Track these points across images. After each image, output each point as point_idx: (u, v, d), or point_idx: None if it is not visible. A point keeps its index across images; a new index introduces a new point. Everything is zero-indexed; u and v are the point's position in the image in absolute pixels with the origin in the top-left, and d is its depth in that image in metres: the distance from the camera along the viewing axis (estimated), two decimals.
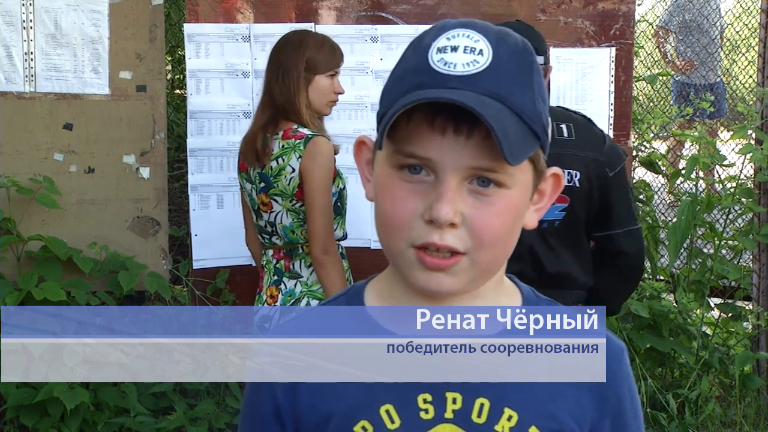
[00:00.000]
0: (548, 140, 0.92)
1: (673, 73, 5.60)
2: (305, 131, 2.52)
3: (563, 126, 2.40)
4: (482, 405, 0.93)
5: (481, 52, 0.87)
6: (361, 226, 3.32)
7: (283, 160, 2.50)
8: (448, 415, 0.92)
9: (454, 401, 0.93)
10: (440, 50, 0.88)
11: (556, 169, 0.96)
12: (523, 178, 0.90)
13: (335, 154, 2.55)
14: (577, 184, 2.36)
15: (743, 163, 3.82)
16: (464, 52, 0.87)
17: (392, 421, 0.93)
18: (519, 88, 0.88)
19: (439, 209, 0.86)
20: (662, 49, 5.91)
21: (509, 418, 0.92)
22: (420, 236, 0.87)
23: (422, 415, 0.92)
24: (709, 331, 3.79)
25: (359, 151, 0.98)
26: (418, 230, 0.88)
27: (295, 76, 2.54)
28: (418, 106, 0.85)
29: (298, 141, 2.49)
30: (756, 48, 4.48)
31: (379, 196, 0.92)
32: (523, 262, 2.30)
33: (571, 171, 2.35)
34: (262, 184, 2.55)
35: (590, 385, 0.95)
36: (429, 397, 0.93)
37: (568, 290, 2.40)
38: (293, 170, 2.49)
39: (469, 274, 0.89)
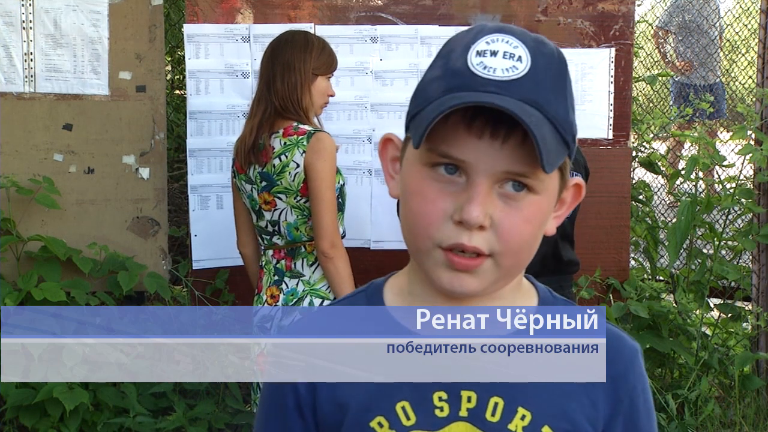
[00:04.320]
0: (575, 149, 0.93)
1: (672, 73, 5.60)
2: (306, 127, 2.53)
3: None
4: (496, 404, 0.93)
5: (520, 58, 0.88)
6: (361, 226, 3.32)
7: (287, 156, 2.50)
8: (463, 413, 0.93)
9: (469, 400, 0.94)
10: (480, 54, 0.88)
11: (578, 179, 0.97)
12: (551, 185, 0.91)
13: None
14: None
15: (743, 164, 3.82)
16: (504, 58, 0.88)
17: (408, 418, 0.94)
18: (554, 97, 0.89)
19: (470, 211, 0.86)
20: (662, 50, 5.91)
21: (522, 418, 0.93)
22: (449, 237, 0.88)
23: (437, 412, 0.94)
24: (708, 332, 3.79)
25: (384, 148, 0.99)
26: (447, 231, 0.88)
27: (302, 75, 2.56)
28: (457, 108, 0.85)
29: (300, 137, 2.51)
30: (755, 49, 4.48)
31: (408, 195, 0.92)
32: (548, 249, 2.56)
33: (575, 173, 2.62)
34: (264, 183, 2.55)
35: (604, 386, 0.95)
36: (444, 395, 0.94)
37: (572, 274, 2.75)
38: (297, 166, 2.50)
39: (492, 275, 0.90)
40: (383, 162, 0.99)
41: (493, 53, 0.88)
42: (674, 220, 3.82)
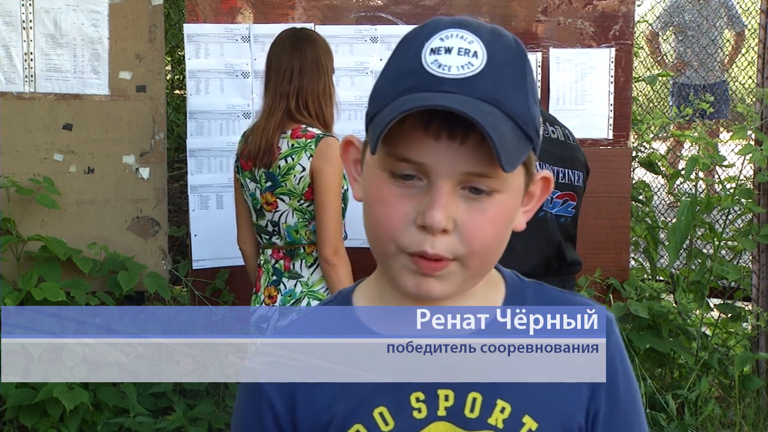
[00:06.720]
0: (540, 142, 0.91)
1: (672, 74, 5.60)
2: (315, 131, 2.50)
3: (567, 131, 2.67)
4: (474, 399, 0.93)
5: (475, 54, 0.86)
6: (361, 227, 3.31)
7: (293, 159, 2.48)
8: (441, 412, 0.93)
9: (447, 398, 0.93)
10: (434, 51, 0.86)
11: (546, 173, 0.95)
12: (515, 183, 0.90)
13: None
14: (582, 185, 2.65)
15: (743, 164, 3.82)
16: (458, 54, 0.86)
17: (386, 424, 0.93)
18: (514, 92, 0.87)
19: (432, 216, 0.85)
20: (656, 57, 5.91)
21: (502, 410, 0.92)
22: (413, 243, 0.87)
23: (415, 414, 0.93)
24: (708, 332, 3.79)
25: (346, 151, 0.97)
26: (411, 237, 0.87)
27: (329, 76, 2.55)
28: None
29: (308, 140, 2.48)
30: (756, 49, 4.48)
31: (369, 199, 0.91)
32: (551, 250, 2.59)
33: (578, 172, 2.62)
34: (269, 183, 2.53)
35: None
36: (421, 396, 0.93)
37: (574, 274, 2.74)
38: (303, 169, 2.47)
39: (458, 278, 0.89)
40: (346, 165, 0.97)
41: (448, 50, 0.86)
42: (674, 220, 3.82)
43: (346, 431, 0.93)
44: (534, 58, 3.50)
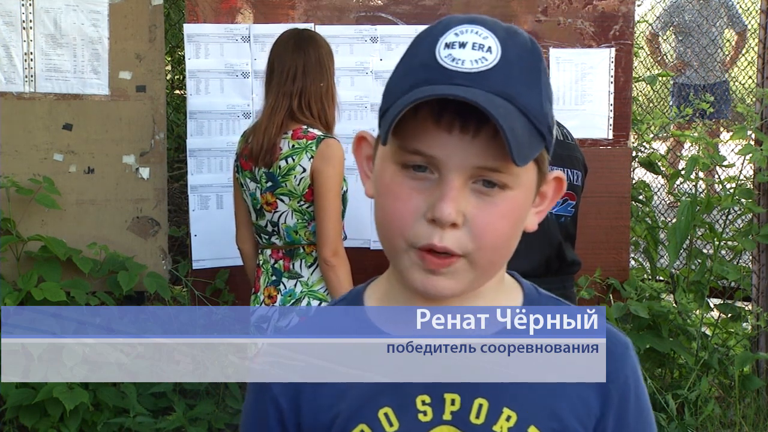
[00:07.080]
0: (553, 141, 0.91)
1: (672, 74, 5.60)
2: (316, 132, 2.50)
3: (565, 130, 2.69)
4: (481, 406, 0.92)
5: (489, 49, 0.86)
6: (361, 227, 3.32)
7: (293, 159, 2.48)
8: (447, 416, 0.92)
9: (453, 402, 0.92)
10: (448, 46, 0.86)
11: (558, 173, 0.94)
12: (527, 180, 0.89)
13: None
14: (581, 184, 2.67)
15: (743, 164, 3.82)
16: (473, 49, 0.85)
17: (391, 425, 0.92)
18: (527, 88, 0.86)
19: (442, 209, 0.84)
20: (656, 57, 5.91)
21: (508, 419, 0.92)
22: (421, 237, 0.86)
23: (420, 417, 0.92)
24: (708, 332, 3.78)
25: (359, 147, 0.97)
26: (420, 230, 0.86)
27: (332, 77, 2.55)
28: (424, 102, 0.83)
29: (309, 141, 2.47)
30: (756, 49, 4.48)
31: (380, 194, 0.90)
32: (552, 250, 2.59)
33: (577, 171, 2.64)
34: (269, 184, 2.52)
35: (596, 383, 0.94)
36: (427, 399, 0.92)
37: (574, 274, 2.74)
38: (304, 170, 2.47)
39: (467, 275, 0.88)
40: (358, 161, 0.97)
41: (462, 45, 0.85)
42: (674, 221, 3.81)
43: (351, 430, 0.93)
44: None
